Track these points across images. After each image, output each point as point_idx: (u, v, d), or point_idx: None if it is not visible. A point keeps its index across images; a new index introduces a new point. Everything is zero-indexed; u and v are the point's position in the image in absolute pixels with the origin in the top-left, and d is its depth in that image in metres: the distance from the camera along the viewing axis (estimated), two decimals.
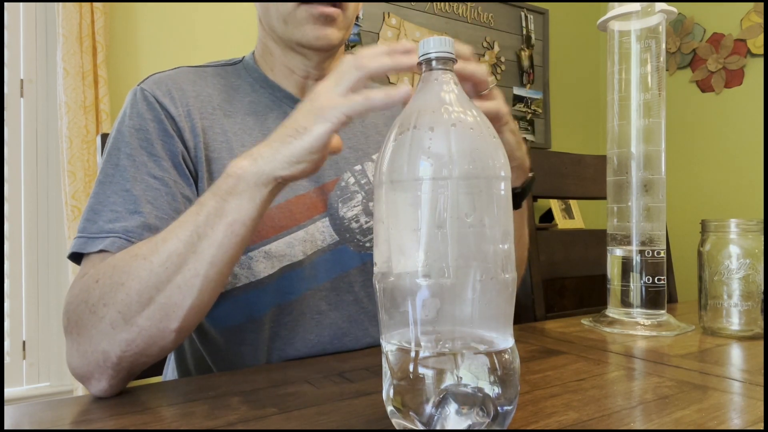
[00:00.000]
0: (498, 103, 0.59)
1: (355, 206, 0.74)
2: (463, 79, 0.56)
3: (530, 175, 0.71)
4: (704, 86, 2.88)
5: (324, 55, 0.73)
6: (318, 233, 0.71)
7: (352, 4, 0.71)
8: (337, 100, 0.48)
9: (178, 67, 0.74)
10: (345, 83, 0.49)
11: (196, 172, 0.67)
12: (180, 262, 0.50)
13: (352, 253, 0.73)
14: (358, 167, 0.76)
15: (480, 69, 0.57)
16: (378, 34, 2.52)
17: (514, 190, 0.69)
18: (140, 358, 0.52)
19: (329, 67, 0.75)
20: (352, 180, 0.75)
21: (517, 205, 0.70)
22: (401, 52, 0.50)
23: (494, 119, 0.59)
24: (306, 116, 0.49)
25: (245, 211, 0.50)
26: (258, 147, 0.51)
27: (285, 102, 0.74)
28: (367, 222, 0.74)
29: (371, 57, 0.49)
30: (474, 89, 0.58)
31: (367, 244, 0.74)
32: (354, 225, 0.73)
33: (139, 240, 0.57)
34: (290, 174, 0.50)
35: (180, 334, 0.52)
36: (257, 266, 0.67)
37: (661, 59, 0.77)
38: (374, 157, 0.78)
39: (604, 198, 0.83)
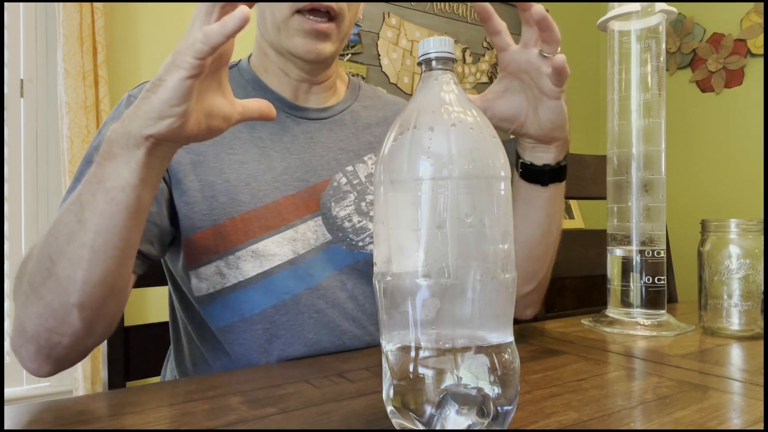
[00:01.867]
0: (564, 58, 0.59)
1: (347, 206, 0.74)
2: (542, 29, 0.57)
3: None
4: (704, 86, 2.88)
5: (315, 66, 0.73)
6: (311, 232, 0.71)
7: (348, 16, 0.71)
8: (186, 43, 0.45)
9: None
10: (197, 23, 0.46)
11: (169, 178, 0.68)
12: (68, 233, 0.50)
13: (345, 252, 0.73)
14: (349, 168, 0.76)
15: (557, 30, 0.58)
16: (378, 34, 2.52)
17: (559, 163, 0.69)
18: (53, 335, 0.52)
19: (323, 74, 0.76)
20: (344, 180, 0.75)
21: (561, 177, 0.71)
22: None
23: (561, 80, 0.60)
24: (163, 68, 0.46)
25: (123, 176, 0.48)
26: (133, 106, 0.48)
27: (276, 105, 0.74)
28: (359, 221, 0.74)
29: None
30: (545, 46, 0.59)
31: (360, 243, 0.74)
32: (347, 224, 0.73)
33: None
34: (158, 131, 0.46)
35: (83, 311, 0.51)
36: (245, 266, 0.68)
37: (661, 59, 0.77)
38: (365, 158, 0.78)
39: (604, 198, 0.83)
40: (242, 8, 0.43)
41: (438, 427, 0.35)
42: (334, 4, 0.67)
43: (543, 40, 0.59)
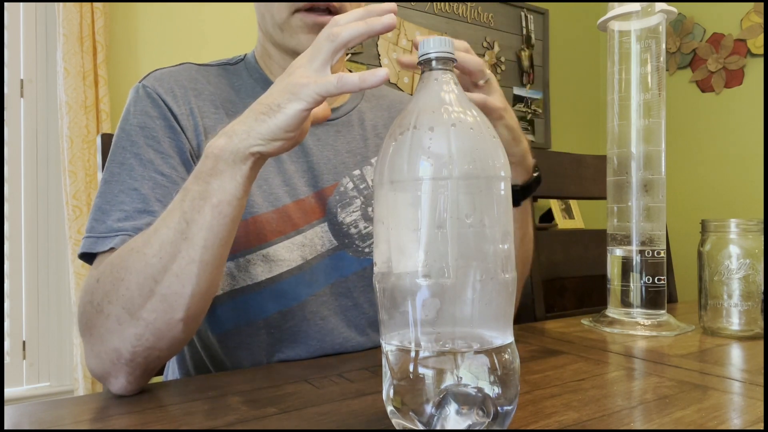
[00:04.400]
0: (486, 96, 0.60)
1: (353, 211, 0.73)
2: (458, 69, 0.57)
3: (534, 174, 0.71)
4: (704, 86, 2.88)
5: None
6: (317, 238, 0.71)
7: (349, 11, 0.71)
8: (311, 78, 0.48)
9: (182, 64, 0.74)
10: (320, 57, 0.48)
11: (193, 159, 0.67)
12: (173, 251, 0.50)
13: (351, 259, 0.72)
14: (356, 172, 0.75)
15: (473, 60, 0.58)
16: None
17: (513, 187, 0.69)
18: (152, 352, 0.52)
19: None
20: (351, 185, 0.74)
21: (516, 202, 0.71)
22: (377, 14, 0.49)
23: (485, 112, 0.60)
24: (280, 94, 0.48)
25: (229, 191, 0.50)
26: (233, 123, 0.51)
27: None
28: (365, 227, 0.74)
29: (344, 25, 0.48)
30: (469, 80, 0.60)
31: (366, 250, 0.73)
32: (353, 230, 0.73)
33: None
34: (267, 150, 0.49)
35: (187, 324, 0.52)
36: (255, 270, 0.67)
37: (661, 59, 0.77)
38: (373, 161, 0.77)
39: (604, 198, 0.83)
40: (383, 72, 0.46)
41: (438, 427, 0.35)
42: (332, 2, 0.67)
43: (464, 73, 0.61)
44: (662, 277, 0.75)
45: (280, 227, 0.68)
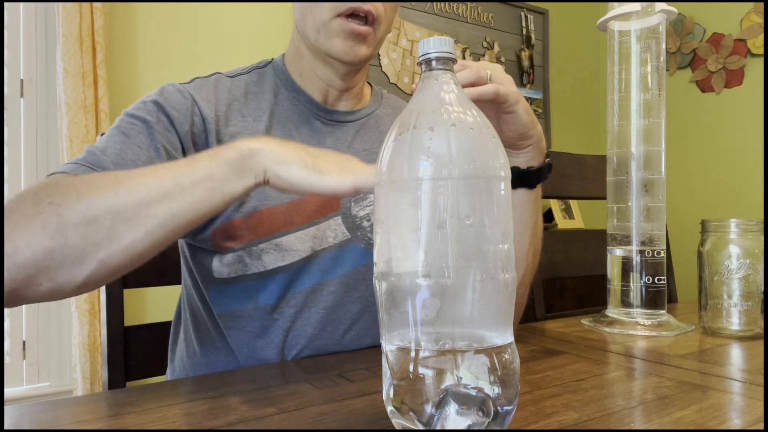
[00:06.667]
0: (498, 85, 0.61)
1: (367, 206, 0.76)
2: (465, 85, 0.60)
3: (547, 160, 0.73)
4: (704, 86, 2.87)
5: (350, 68, 0.76)
6: (330, 231, 0.73)
7: (384, 24, 0.74)
8: (369, 170, 0.52)
9: (213, 74, 0.77)
10: (369, 169, 0.52)
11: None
12: (145, 200, 0.49)
13: (362, 251, 0.74)
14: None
15: (471, 72, 0.61)
16: None
17: (529, 168, 0.71)
18: (39, 277, 0.47)
19: (353, 79, 0.79)
20: None
21: (532, 184, 0.73)
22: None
23: (498, 101, 0.62)
24: (334, 163, 0.52)
25: (231, 187, 0.50)
26: (279, 144, 0.52)
27: (307, 107, 0.78)
28: None
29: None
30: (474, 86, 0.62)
31: None
32: (365, 223, 0.75)
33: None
34: (276, 185, 0.52)
35: (98, 269, 0.49)
36: (267, 258, 0.70)
37: (661, 59, 0.77)
38: None
39: (604, 198, 0.83)
40: None
41: (438, 427, 0.35)
42: (372, 9, 0.70)
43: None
44: (662, 277, 0.75)
45: (293, 218, 0.71)
